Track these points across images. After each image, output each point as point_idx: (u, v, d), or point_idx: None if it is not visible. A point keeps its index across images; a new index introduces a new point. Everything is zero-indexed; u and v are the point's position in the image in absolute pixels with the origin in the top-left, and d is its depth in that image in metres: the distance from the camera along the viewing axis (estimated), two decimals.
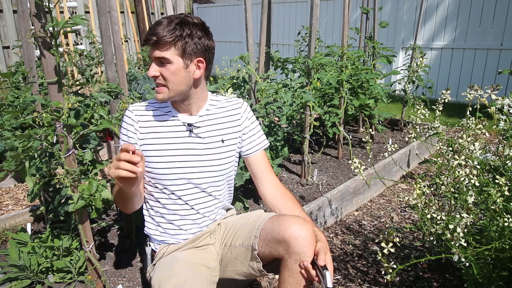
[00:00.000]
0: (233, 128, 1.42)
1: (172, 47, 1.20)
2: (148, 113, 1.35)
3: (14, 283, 1.67)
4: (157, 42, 1.19)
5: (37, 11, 1.28)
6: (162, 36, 1.18)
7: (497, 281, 1.34)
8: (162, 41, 1.18)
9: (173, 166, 1.31)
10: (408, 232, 2.26)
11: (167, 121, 1.34)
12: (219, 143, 1.38)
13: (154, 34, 1.18)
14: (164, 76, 1.23)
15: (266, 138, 1.51)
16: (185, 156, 1.33)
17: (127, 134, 1.34)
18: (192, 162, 1.33)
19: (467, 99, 1.45)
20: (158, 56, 1.21)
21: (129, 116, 1.34)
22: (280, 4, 7.51)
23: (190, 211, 1.36)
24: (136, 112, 1.34)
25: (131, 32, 7.09)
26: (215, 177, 1.38)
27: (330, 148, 3.51)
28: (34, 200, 1.86)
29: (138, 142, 1.32)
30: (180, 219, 1.36)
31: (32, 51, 1.99)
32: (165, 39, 1.18)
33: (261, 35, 2.59)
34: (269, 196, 1.42)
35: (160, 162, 1.31)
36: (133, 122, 1.33)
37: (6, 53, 5.93)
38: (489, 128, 1.48)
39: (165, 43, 1.19)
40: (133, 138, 1.33)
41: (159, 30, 1.18)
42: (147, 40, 1.20)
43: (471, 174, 1.30)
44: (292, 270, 1.18)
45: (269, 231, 1.23)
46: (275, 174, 1.52)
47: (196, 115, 1.36)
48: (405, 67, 3.89)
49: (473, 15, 5.31)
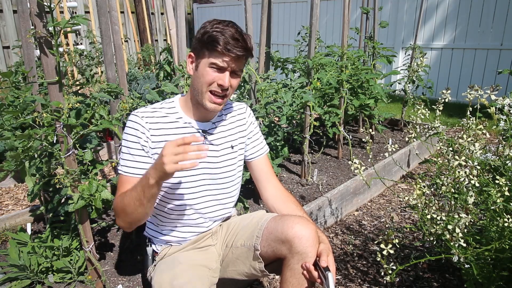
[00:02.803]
0: (240, 133, 1.41)
1: (245, 60, 1.23)
2: (159, 120, 1.26)
3: (14, 283, 1.67)
4: (246, 55, 1.20)
5: (38, 10, 1.28)
6: (249, 49, 1.19)
7: (497, 281, 1.34)
8: (249, 54, 1.21)
9: (187, 174, 1.27)
10: (408, 232, 2.26)
11: (180, 128, 1.28)
12: (229, 149, 1.36)
13: (241, 47, 1.17)
14: (233, 86, 1.23)
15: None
16: (199, 163, 1.28)
17: (140, 142, 1.23)
18: (206, 169, 1.31)
19: (467, 99, 1.45)
20: (239, 68, 1.22)
21: (139, 123, 1.23)
22: (280, 4, 7.50)
23: (197, 216, 1.34)
24: (147, 119, 1.24)
25: (131, 32, 7.09)
26: (226, 184, 1.37)
27: (330, 148, 3.51)
28: (34, 200, 1.86)
29: (150, 151, 1.24)
30: (186, 225, 1.34)
31: (32, 51, 1.99)
32: (249, 52, 1.20)
33: (261, 35, 2.59)
34: (271, 200, 1.42)
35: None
36: (144, 130, 1.23)
37: (6, 53, 5.93)
38: (489, 128, 1.48)
39: (246, 56, 1.21)
40: (146, 147, 1.23)
41: (242, 43, 1.17)
42: (230, 51, 1.16)
43: (471, 174, 1.30)
44: (294, 270, 1.18)
45: (272, 231, 1.23)
46: (276, 176, 1.51)
47: (210, 121, 1.33)
48: (405, 67, 3.88)
49: (473, 15, 5.31)
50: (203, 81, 1.20)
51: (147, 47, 6.01)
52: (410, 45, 3.88)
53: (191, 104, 1.29)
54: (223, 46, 1.15)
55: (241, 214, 1.74)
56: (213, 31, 1.16)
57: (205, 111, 1.28)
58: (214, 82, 1.20)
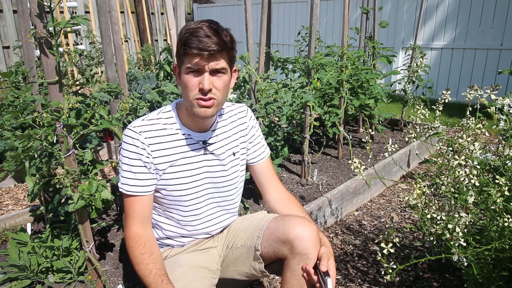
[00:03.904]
0: (241, 139, 1.37)
1: (225, 56, 1.12)
2: (157, 133, 1.20)
3: (14, 283, 1.67)
4: (221, 50, 1.09)
5: (39, 11, 1.28)
6: (225, 43, 1.09)
7: (497, 281, 1.34)
8: (225, 48, 1.10)
9: (191, 186, 1.26)
10: (408, 232, 2.26)
11: (179, 140, 1.23)
12: (231, 157, 1.33)
13: (215, 43, 1.07)
14: (217, 87, 1.13)
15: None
16: (202, 174, 1.27)
17: (141, 159, 1.18)
18: (210, 179, 1.29)
19: (467, 99, 1.45)
20: (220, 66, 1.11)
21: (138, 139, 1.18)
22: (280, 4, 7.50)
23: (201, 225, 1.34)
24: (145, 134, 1.18)
25: (131, 32, 7.09)
26: (229, 191, 1.36)
27: (330, 148, 3.51)
28: (34, 200, 1.86)
29: (152, 167, 1.20)
30: (189, 231, 1.34)
31: (32, 51, 1.99)
32: (225, 46, 1.10)
33: (261, 35, 2.59)
34: (273, 202, 1.40)
35: (178, 184, 1.24)
36: (144, 146, 1.18)
37: (6, 53, 5.93)
38: (489, 128, 1.48)
39: (221, 51, 1.10)
40: (148, 163, 1.19)
41: (215, 39, 1.07)
42: (202, 50, 1.07)
43: (471, 174, 1.30)
44: (294, 271, 1.17)
45: (273, 231, 1.23)
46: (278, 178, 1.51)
47: (209, 130, 1.28)
48: (405, 67, 3.88)
49: (473, 15, 5.31)
50: (187, 90, 1.14)
51: (147, 47, 6.01)
52: (410, 45, 3.88)
53: (187, 113, 1.23)
54: (195, 47, 1.07)
55: (241, 214, 1.74)
56: (184, 34, 1.10)
57: (201, 120, 1.22)
58: (197, 88, 1.12)
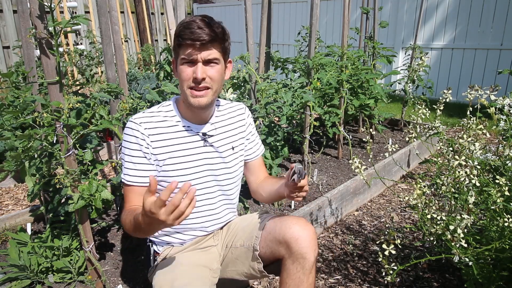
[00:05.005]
0: (240, 134, 1.40)
1: (218, 46, 1.16)
2: (157, 124, 1.24)
3: (14, 283, 1.67)
4: (213, 40, 1.13)
5: (39, 11, 1.28)
6: (217, 34, 1.14)
7: (497, 281, 1.34)
8: (216, 39, 1.14)
9: (190, 178, 1.26)
10: (408, 232, 2.26)
11: (179, 132, 1.26)
12: (230, 151, 1.35)
13: (207, 34, 1.12)
14: (211, 76, 1.17)
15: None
16: (202, 166, 1.28)
17: (141, 150, 1.21)
18: (208, 171, 1.30)
19: (467, 99, 1.45)
20: (212, 57, 1.16)
21: (137, 130, 1.21)
22: (280, 4, 7.50)
23: (199, 218, 1.34)
24: (145, 125, 1.21)
25: (131, 32, 7.09)
26: (227, 185, 1.36)
27: (330, 148, 3.51)
28: (34, 200, 1.86)
29: (152, 157, 1.22)
30: (189, 228, 1.34)
31: (32, 51, 1.99)
32: (217, 37, 1.14)
33: (261, 35, 2.59)
34: (256, 184, 1.46)
35: (176, 176, 1.25)
36: (144, 136, 1.21)
37: (6, 53, 5.93)
38: (489, 128, 1.48)
39: (213, 41, 1.14)
40: (148, 153, 1.21)
41: (207, 30, 1.12)
42: (194, 40, 1.12)
43: (471, 174, 1.30)
44: (289, 271, 1.17)
45: (271, 231, 1.23)
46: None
47: (208, 122, 1.31)
48: (405, 67, 3.88)
49: (473, 15, 5.31)
50: (181, 80, 1.18)
51: (147, 47, 6.01)
52: (410, 45, 3.88)
53: (185, 106, 1.26)
54: (187, 38, 1.12)
55: (241, 214, 1.74)
56: (179, 27, 1.16)
57: (198, 111, 1.25)
58: (190, 78, 1.16)
